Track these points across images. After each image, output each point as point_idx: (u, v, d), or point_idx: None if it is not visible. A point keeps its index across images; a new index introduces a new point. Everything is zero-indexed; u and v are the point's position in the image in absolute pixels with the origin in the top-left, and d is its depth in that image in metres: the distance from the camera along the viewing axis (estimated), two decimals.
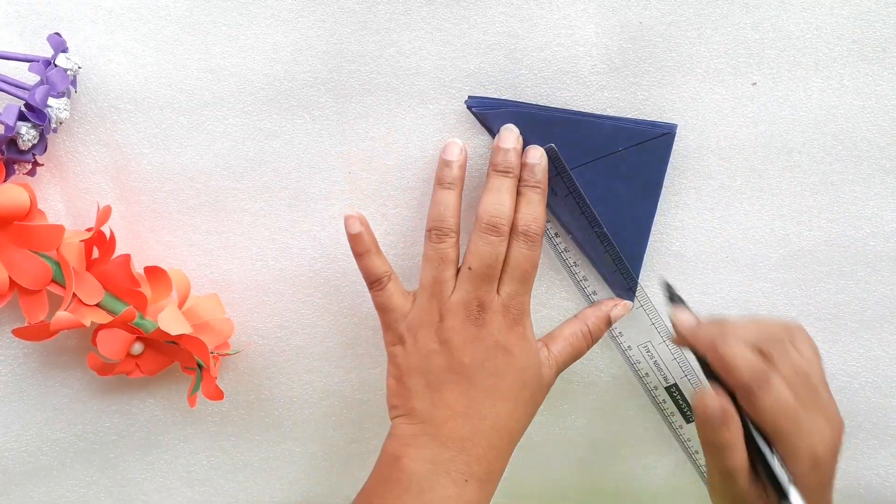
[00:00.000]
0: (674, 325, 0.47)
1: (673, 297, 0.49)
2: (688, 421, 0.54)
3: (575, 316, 0.51)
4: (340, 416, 0.55)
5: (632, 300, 0.51)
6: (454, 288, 0.47)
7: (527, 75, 0.49)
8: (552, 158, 0.48)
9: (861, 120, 0.49)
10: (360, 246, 0.47)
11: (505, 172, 0.47)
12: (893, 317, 0.52)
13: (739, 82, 0.49)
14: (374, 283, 0.48)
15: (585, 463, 0.56)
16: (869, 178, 0.50)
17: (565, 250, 0.51)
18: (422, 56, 0.49)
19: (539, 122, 0.49)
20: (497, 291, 0.47)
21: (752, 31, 0.48)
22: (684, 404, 0.53)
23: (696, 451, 0.55)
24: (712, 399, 0.44)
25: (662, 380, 0.53)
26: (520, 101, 0.49)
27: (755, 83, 0.49)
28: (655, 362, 0.53)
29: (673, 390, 0.53)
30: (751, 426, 0.44)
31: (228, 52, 0.49)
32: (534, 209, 0.47)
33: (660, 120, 0.49)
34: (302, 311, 0.53)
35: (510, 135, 0.48)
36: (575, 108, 0.49)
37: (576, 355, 0.50)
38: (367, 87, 0.50)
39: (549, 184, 0.48)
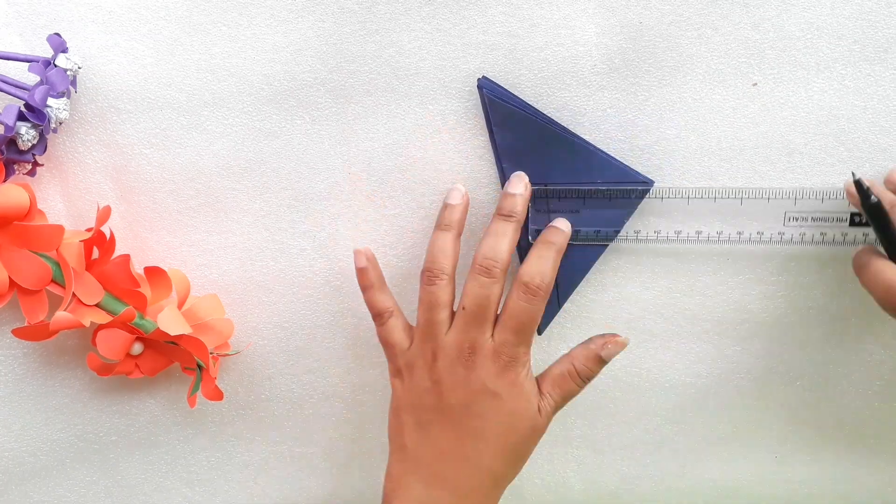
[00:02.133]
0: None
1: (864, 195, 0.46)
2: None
3: (567, 354, 0.49)
4: (340, 417, 0.55)
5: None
6: (449, 328, 0.47)
7: (527, 75, 0.49)
8: None
9: (862, 121, 0.49)
10: (365, 280, 0.49)
11: (508, 216, 0.47)
12: None
13: (740, 83, 0.48)
14: (376, 317, 0.49)
15: (585, 463, 0.56)
16: (872, 179, 0.49)
17: None
18: (422, 56, 0.49)
19: (536, 130, 0.49)
20: (492, 335, 0.47)
21: (752, 31, 0.48)
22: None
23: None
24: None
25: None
26: (526, 103, 0.49)
27: (756, 83, 0.49)
28: None
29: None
30: None
31: (228, 52, 0.49)
32: (542, 265, 0.47)
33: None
34: (302, 311, 0.53)
35: (519, 182, 0.48)
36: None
37: (567, 398, 0.49)
38: (366, 87, 0.50)
39: None
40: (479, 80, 0.49)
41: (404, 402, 0.48)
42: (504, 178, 0.50)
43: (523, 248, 0.50)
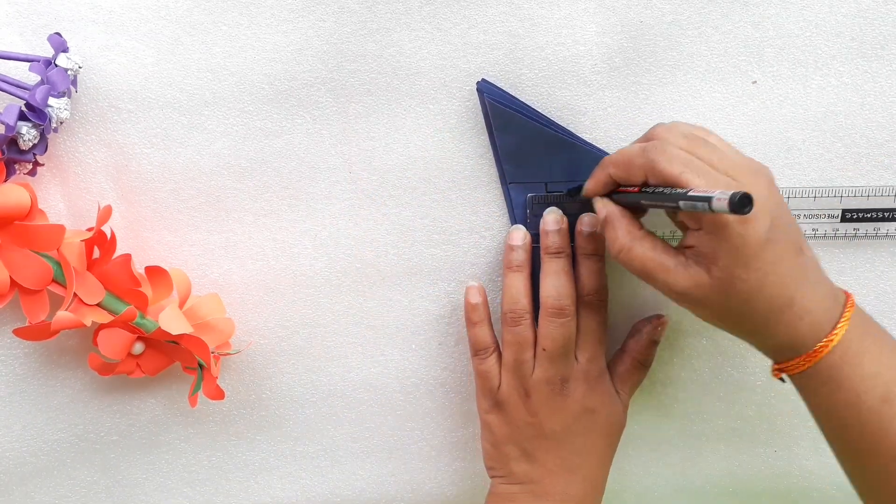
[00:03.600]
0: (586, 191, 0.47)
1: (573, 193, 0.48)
2: None
3: (622, 350, 0.52)
4: (341, 416, 0.55)
5: None
6: (534, 366, 0.49)
7: (528, 75, 0.49)
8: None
9: (859, 117, 0.49)
10: (476, 315, 0.51)
11: (556, 254, 0.49)
12: (893, 312, 0.53)
13: (740, 81, 0.49)
14: (480, 351, 0.51)
15: None
16: (867, 174, 0.50)
17: None
18: (422, 56, 0.49)
19: (536, 132, 0.49)
20: (576, 357, 0.49)
21: (752, 29, 0.48)
22: None
23: None
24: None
25: None
26: (525, 104, 0.49)
27: (755, 81, 0.49)
28: None
29: None
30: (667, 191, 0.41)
31: (228, 52, 0.49)
32: (594, 279, 0.49)
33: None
34: (303, 310, 0.53)
35: (554, 217, 0.50)
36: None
37: (636, 388, 0.53)
38: (367, 86, 0.50)
39: None
40: (478, 83, 0.49)
41: (504, 436, 0.51)
42: (505, 179, 0.50)
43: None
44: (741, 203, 0.37)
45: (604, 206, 0.45)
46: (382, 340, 0.54)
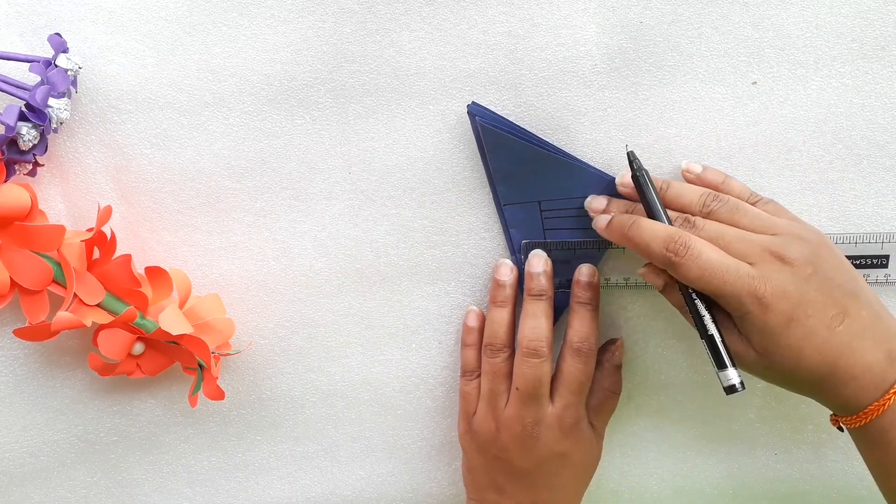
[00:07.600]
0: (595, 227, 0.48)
1: (633, 165, 0.47)
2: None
3: (592, 381, 0.51)
4: (341, 416, 0.55)
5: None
6: (507, 401, 0.50)
7: (527, 75, 0.49)
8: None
9: (860, 118, 0.49)
10: (470, 339, 0.52)
11: (538, 296, 0.49)
12: None
13: (740, 81, 0.49)
14: (468, 373, 0.52)
15: None
16: (868, 175, 0.50)
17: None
18: (422, 56, 0.49)
19: (527, 152, 0.49)
20: (552, 401, 0.49)
21: (752, 30, 0.48)
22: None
23: None
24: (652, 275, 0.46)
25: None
26: (516, 125, 0.49)
27: (755, 82, 0.49)
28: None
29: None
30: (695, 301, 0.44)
31: (228, 52, 0.49)
32: (585, 326, 0.49)
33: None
34: (303, 310, 0.53)
35: (539, 260, 0.50)
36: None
37: (610, 416, 0.53)
38: (367, 87, 0.50)
39: None
40: (468, 106, 0.49)
41: (477, 464, 0.51)
42: (498, 200, 0.50)
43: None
44: (727, 392, 0.44)
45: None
46: (382, 340, 0.54)
